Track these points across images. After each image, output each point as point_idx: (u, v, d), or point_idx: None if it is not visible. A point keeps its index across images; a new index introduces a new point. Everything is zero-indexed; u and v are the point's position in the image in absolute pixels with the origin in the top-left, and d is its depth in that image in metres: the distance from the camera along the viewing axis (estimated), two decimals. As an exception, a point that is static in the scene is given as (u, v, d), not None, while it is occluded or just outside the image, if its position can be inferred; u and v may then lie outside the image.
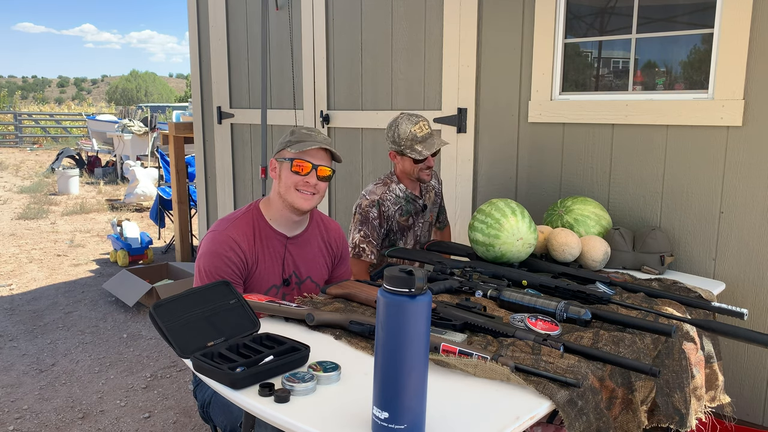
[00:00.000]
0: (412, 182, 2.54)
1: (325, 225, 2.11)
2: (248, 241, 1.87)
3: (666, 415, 1.49)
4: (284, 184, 1.89)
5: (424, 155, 2.39)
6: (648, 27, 2.56)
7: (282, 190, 1.90)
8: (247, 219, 1.92)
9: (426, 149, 2.39)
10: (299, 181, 1.87)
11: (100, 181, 11.38)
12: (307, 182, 1.88)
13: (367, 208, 2.43)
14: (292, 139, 1.90)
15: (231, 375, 1.24)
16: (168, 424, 2.90)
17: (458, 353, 1.33)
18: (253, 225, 1.91)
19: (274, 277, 1.94)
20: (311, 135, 1.90)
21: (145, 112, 15.69)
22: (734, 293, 2.35)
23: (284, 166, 1.89)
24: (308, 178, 1.87)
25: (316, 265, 2.06)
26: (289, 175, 1.88)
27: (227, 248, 1.82)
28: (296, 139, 1.89)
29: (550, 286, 1.88)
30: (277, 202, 1.94)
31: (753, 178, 2.28)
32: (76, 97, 77.69)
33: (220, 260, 1.81)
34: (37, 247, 6.57)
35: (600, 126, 2.64)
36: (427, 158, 2.43)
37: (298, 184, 1.87)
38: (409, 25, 3.26)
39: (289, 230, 1.98)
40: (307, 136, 1.90)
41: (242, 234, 1.87)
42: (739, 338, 1.58)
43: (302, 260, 2.01)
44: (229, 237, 1.84)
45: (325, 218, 2.14)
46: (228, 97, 4.41)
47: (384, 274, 1.03)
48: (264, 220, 1.94)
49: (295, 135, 1.90)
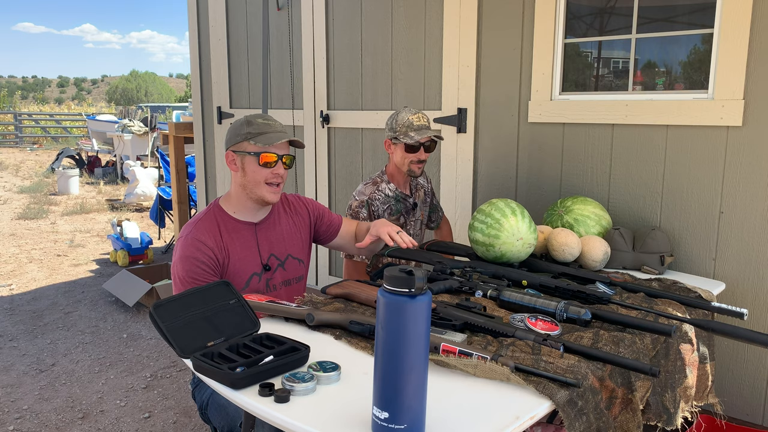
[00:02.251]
0: (402, 180, 2.54)
1: (289, 202, 2.11)
2: (214, 238, 1.87)
3: (655, 413, 1.50)
4: (251, 179, 1.89)
5: (415, 140, 2.40)
6: (648, 27, 2.56)
7: (249, 184, 1.90)
8: (209, 217, 1.92)
9: (418, 136, 2.40)
10: (268, 175, 1.88)
11: (100, 181, 11.38)
12: (276, 173, 1.89)
13: (357, 209, 2.44)
14: (251, 131, 1.87)
15: (231, 375, 1.24)
16: (168, 424, 2.90)
17: (458, 353, 1.33)
18: (217, 221, 1.91)
19: (252, 265, 1.94)
20: (270, 125, 1.90)
21: (145, 112, 15.70)
22: (734, 293, 2.35)
23: (248, 160, 1.88)
24: (276, 170, 1.88)
25: (293, 240, 2.06)
26: (257, 170, 1.87)
27: (194, 250, 1.82)
28: (256, 130, 1.87)
29: (550, 286, 1.87)
30: (240, 194, 1.93)
31: (753, 178, 2.28)
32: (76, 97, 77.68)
33: (191, 263, 1.81)
34: (37, 247, 6.57)
35: (600, 126, 2.64)
36: (419, 149, 2.42)
37: (268, 178, 1.88)
38: (409, 25, 3.26)
39: (254, 217, 1.98)
40: (267, 126, 1.89)
41: (206, 232, 1.87)
42: (739, 338, 1.58)
43: (276, 240, 2.01)
44: (194, 239, 1.84)
45: (284, 196, 2.12)
46: (228, 97, 4.41)
47: (384, 274, 1.03)
48: (226, 215, 1.94)
49: (254, 126, 1.88)
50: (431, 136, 2.42)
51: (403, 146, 2.43)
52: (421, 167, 2.48)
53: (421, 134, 2.40)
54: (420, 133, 2.40)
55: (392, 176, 2.53)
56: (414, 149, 2.43)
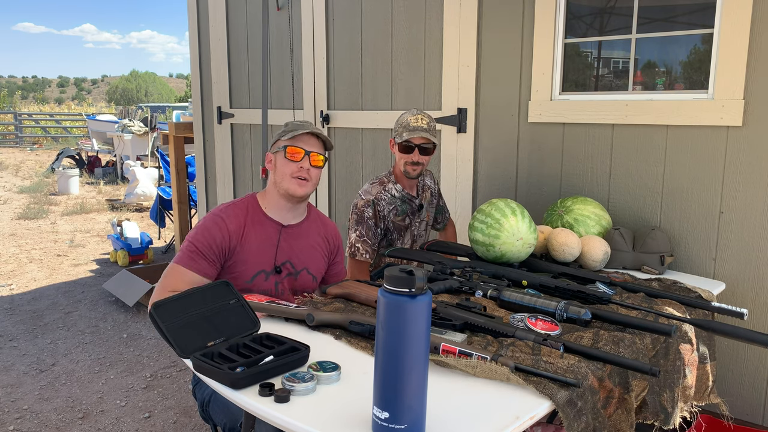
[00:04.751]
0: (408, 181, 2.54)
1: (323, 222, 2.15)
2: (237, 221, 1.92)
3: (652, 412, 1.50)
4: (280, 173, 1.95)
5: (404, 138, 2.39)
6: (648, 27, 2.56)
7: (278, 179, 1.96)
8: (241, 205, 1.99)
9: (408, 135, 2.39)
10: (294, 168, 1.93)
11: (100, 181, 11.39)
12: (301, 167, 1.93)
13: (362, 208, 2.44)
14: (285, 130, 1.97)
15: (231, 375, 1.24)
16: (168, 424, 2.90)
17: (458, 353, 1.33)
18: (247, 209, 1.98)
19: (264, 262, 1.95)
20: (303, 125, 1.97)
21: (145, 112, 15.70)
22: (734, 293, 2.35)
23: (279, 155, 1.96)
24: (302, 163, 1.93)
25: (314, 257, 2.07)
26: (284, 163, 1.94)
27: (213, 224, 1.89)
28: (289, 129, 1.97)
29: (550, 286, 1.88)
30: (273, 191, 2.00)
31: (753, 178, 2.28)
32: (76, 97, 77.70)
33: (203, 233, 1.88)
34: (37, 247, 6.57)
35: (600, 126, 2.64)
36: (413, 151, 2.41)
37: (294, 172, 1.93)
38: (409, 25, 3.26)
39: (285, 219, 2.01)
40: (299, 126, 1.97)
41: (233, 215, 1.93)
42: (739, 338, 1.58)
43: (299, 250, 2.02)
44: (219, 217, 1.92)
45: (323, 216, 2.18)
46: (228, 97, 4.41)
47: (384, 274, 1.03)
48: (259, 208, 2.00)
49: (288, 126, 1.98)
50: (421, 138, 2.40)
51: (400, 147, 2.43)
52: (416, 169, 2.45)
53: (412, 134, 2.39)
54: (412, 133, 2.39)
55: (399, 177, 2.53)
56: (408, 150, 2.42)
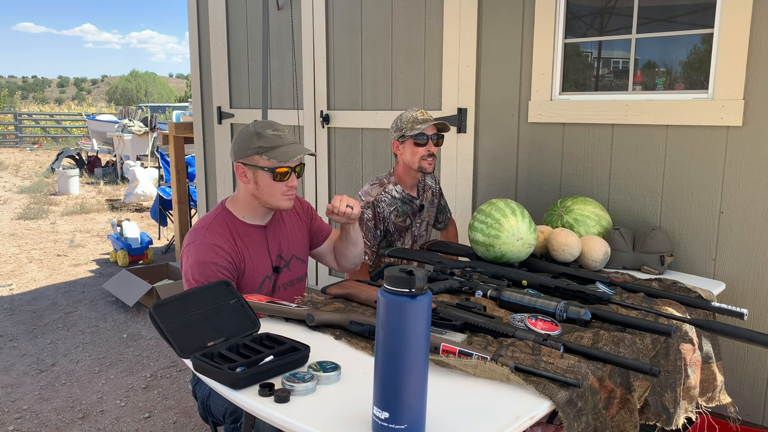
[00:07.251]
0: (410, 181, 2.53)
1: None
2: (229, 243, 1.84)
3: (654, 413, 1.50)
4: (266, 192, 1.86)
5: (421, 129, 2.38)
6: (648, 27, 2.56)
7: (264, 197, 1.87)
8: (220, 222, 1.88)
9: (424, 126, 2.39)
10: (283, 188, 1.86)
11: (100, 181, 11.38)
12: (291, 186, 1.87)
13: (362, 209, 2.43)
14: (263, 145, 1.82)
15: (231, 375, 1.24)
16: (168, 424, 2.90)
17: (458, 353, 1.33)
18: (228, 226, 1.88)
19: (265, 269, 1.94)
20: (281, 137, 1.85)
21: (145, 112, 15.70)
22: (734, 293, 2.35)
23: (261, 174, 1.84)
24: (290, 182, 1.87)
25: (296, 239, 2.06)
26: (272, 184, 1.84)
27: (213, 255, 1.79)
28: (269, 144, 1.83)
29: (550, 286, 1.87)
30: (251, 202, 1.90)
31: (753, 178, 2.28)
32: (76, 97, 77.69)
33: (210, 269, 1.77)
34: (37, 247, 6.57)
35: (600, 126, 2.64)
36: (428, 142, 2.41)
37: (284, 191, 1.87)
38: (409, 25, 3.26)
39: (263, 220, 1.96)
40: (278, 138, 1.84)
41: (220, 236, 1.83)
42: (739, 338, 1.58)
43: (283, 239, 2.01)
44: (210, 243, 1.80)
45: None
46: (228, 97, 4.41)
47: (384, 274, 1.03)
48: (237, 219, 1.91)
49: (265, 139, 1.83)
50: (437, 123, 2.40)
51: (412, 142, 2.42)
52: (432, 162, 2.44)
53: (425, 125, 2.39)
54: (424, 124, 2.40)
55: (400, 178, 2.52)
56: (422, 143, 2.42)
